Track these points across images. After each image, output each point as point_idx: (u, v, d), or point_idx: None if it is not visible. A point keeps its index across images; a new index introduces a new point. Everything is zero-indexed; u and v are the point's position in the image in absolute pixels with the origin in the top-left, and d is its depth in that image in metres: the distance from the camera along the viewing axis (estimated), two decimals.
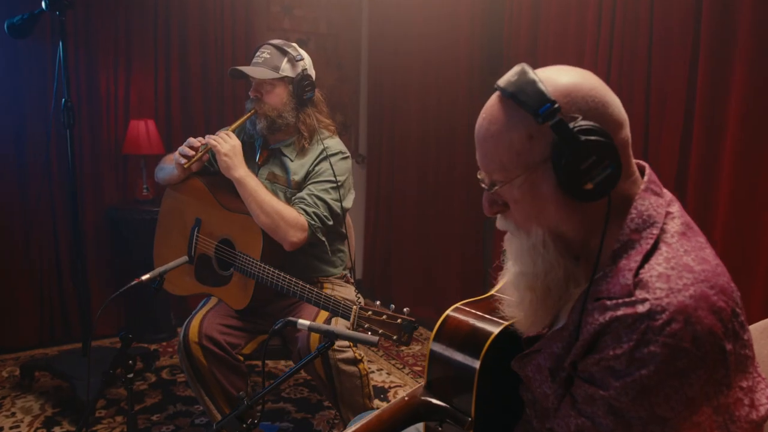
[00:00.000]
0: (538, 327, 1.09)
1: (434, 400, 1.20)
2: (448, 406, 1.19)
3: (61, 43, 2.75)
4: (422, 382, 1.27)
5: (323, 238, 2.33)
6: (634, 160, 1.05)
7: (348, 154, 2.44)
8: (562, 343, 1.04)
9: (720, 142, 2.43)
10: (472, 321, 1.23)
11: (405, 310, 1.82)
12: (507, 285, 1.16)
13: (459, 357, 1.19)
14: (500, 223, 1.10)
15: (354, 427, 1.16)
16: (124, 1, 3.72)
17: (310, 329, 1.46)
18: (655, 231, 0.98)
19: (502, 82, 1.00)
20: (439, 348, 1.23)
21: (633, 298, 0.92)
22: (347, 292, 2.47)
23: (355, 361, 2.21)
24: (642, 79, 2.70)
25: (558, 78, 0.99)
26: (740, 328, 0.94)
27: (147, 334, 3.79)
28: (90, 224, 3.76)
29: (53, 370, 3.06)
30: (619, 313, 0.92)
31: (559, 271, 1.02)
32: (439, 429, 1.23)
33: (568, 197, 0.97)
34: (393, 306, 1.86)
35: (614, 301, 0.94)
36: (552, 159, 0.96)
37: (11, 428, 2.76)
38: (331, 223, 2.32)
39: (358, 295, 2.38)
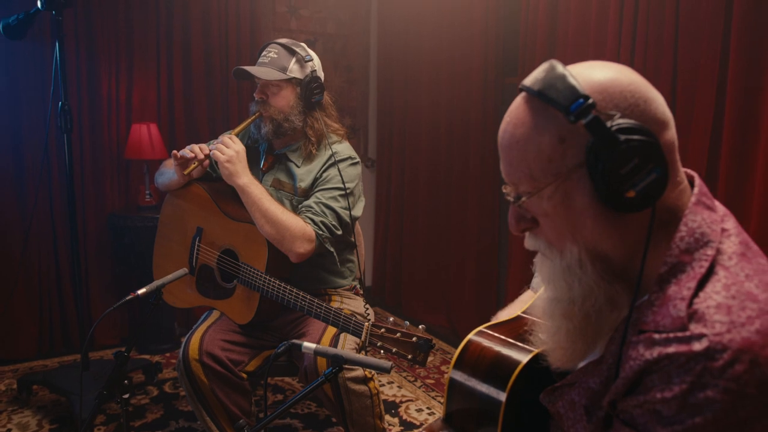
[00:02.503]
0: (577, 360, 0.95)
1: None
2: None
3: (57, 44, 2.64)
4: (439, 409, 1.14)
5: (331, 249, 2.20)
6: (682, 168, 0.91)
7: (357, 159, 2.31)
8: (600, 378, 0.90)
9: (753, 145, 2.29)
10: (497, 347, 1.10)
11: (421, 327, 1.71)
12: (537, 308, 1.02)
13: (483, 388, 1.07)
14: (529, 242, 0.96)
15: None
16: (124, 2, 3.61)
17: (316, 353, 1.34)
18: (710, 252, 0.85)
19: (527, 80, 0.88)
20: (460, 377, 1.10)
21: (687, 333, 0.79)
22: (356, 305, 2.34)
23: (365, 380, 2.08)
24: (668, 77, 2.56)
25: (592, 73, 0.87)
26: None
27: (150, 345, 3.68)
28: (91, 231, 3.66)
29: (51, 384, 2.95)
30: (671, 350, 0.79)
31: (600, 295, 0.89)
32: None
33: (607, 208, 0.84)
34: (407, 323, 1.74)
35: (664, 335, 0.81)
36: (587, 163, 0.83)
37: None
38: (340, 232, 2.19)
39: (367, 308, 2.25)
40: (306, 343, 1.32)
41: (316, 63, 2.29)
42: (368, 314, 2.17)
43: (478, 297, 3.78)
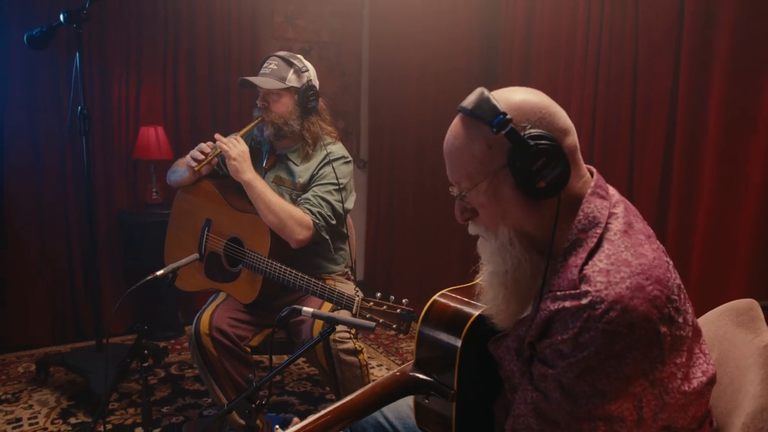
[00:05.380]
0: (513, 319, 1.22)
1: (421, 375, 1.35)
2: (432, 380, 1.33)
3: (78, 54, 2.89)
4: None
5: (326, 237, 2.47)
6: (584, 165, 1.19)
7: (350, 158, 2.59)
8: (525, 327, 1.18)
9: (701, 145, 2.56)
10: (455, 305, 1.37)
11: (404, 301, 1.96)
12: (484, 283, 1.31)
13: (443, 336, 1.33)
14: (472, 228, 1.25)
15: (348, 398, 1.30)
16: (135, 14, 3.87)
17: (314, 316, 1.60)
18: (599, 230, 1.12)
19: (463, 103, 1.16)
20: (426, 329, 1.38)
21: (578, 291, 1.07)
22: (348, 288, 2.60)
23: (355, 352, 2.36)
24: (629, 87, 2.84)
25: (509, 95, 1.15)
26: (675, 313, 1.07)
27: (156, 332, 3.93)
28: (101, 227, 3.89)
29: (68, 365, 3.20)
30: (566, 303, 1.07)
31: (526, 265, 1.16)
32: (426, 401, 1.37)
33: (527, 197, 1.12)
34: (392, 298, 2.00)
35: (562, 293, 1.09)
36: (509, 163, 1.11)
37: (29, 419, 2.91)
38: (334, 222, 2.47)
39: (357, 290, 2.51)
40: (305, 308, 1.59)
41: (312, 73, 2.56)
42: (358, 293, 2.44)
43: None
